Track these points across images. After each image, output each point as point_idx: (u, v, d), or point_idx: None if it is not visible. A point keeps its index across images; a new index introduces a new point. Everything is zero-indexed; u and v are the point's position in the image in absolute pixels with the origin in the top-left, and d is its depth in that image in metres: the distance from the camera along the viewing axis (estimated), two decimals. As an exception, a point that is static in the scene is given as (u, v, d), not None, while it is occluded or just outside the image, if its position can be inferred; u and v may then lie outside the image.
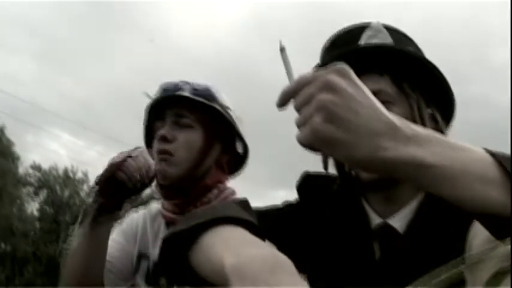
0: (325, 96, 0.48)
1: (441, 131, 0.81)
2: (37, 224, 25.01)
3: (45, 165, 26.12)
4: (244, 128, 1.26)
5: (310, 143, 0.49)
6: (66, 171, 26.01)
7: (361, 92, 0.49)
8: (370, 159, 0.47)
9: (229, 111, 1.22)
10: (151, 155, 1.19)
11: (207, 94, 1.19)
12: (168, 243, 0.52)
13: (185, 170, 1.16)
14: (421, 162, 0.46)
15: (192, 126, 1.18)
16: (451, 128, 0.85)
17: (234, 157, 1.26)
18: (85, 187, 26.63)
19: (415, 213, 0.74)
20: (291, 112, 0.54)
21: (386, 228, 0.74)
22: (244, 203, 0.67)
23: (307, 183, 0.85)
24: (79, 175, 26.39)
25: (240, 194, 1.27)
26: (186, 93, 1.17)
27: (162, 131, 1.17)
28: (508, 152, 0.49)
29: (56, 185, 25.60)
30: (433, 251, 0.70)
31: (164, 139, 1.16)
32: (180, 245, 0.50)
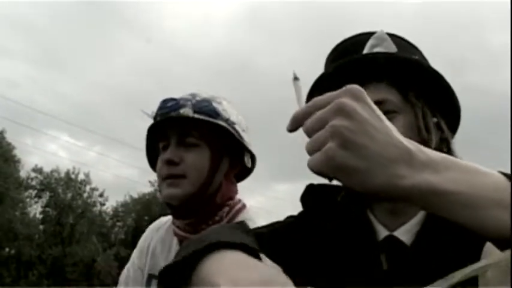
0: (340, 122, 0.46)
1: (446, 140, 0.80)
2: (40, 227, 25.09)
3: (46, 168, 26.20)
4: (251, 138, 1.22)
5: (323, 170, 0.47)
6: (68, 173, 26.10)
7: (376, 117, 0.47)
8: (386, 187, 0.45)
9: (234, 125, 1.17)
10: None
11: (209, 110, 1.14)
12: (165, 276, 0.51)
13: (196, 190, 1.13)
14: (437, 189, 0.45)
15: (198, 145, 1.13)
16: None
17: (243, 168, 1.23)
18: (87, 188, 26.75)
19: (422, 226, 0.73)
20: (291, 106, 0.53)
21: (393, 241, 0.73)
22: (241, 226, 0.67)
23: (311, 194, 0.84)
24: (81, 176, 26.50)
25: (240, 190, 1.25)
26: (188, 112, 1.12)
27: (168, 155, 1.12)
28: None
29: (58, 187, 25.66)
30: (441, 264, 0.69)
31: (171, 163, 1.12)
32: (178, 276, 0.50)
